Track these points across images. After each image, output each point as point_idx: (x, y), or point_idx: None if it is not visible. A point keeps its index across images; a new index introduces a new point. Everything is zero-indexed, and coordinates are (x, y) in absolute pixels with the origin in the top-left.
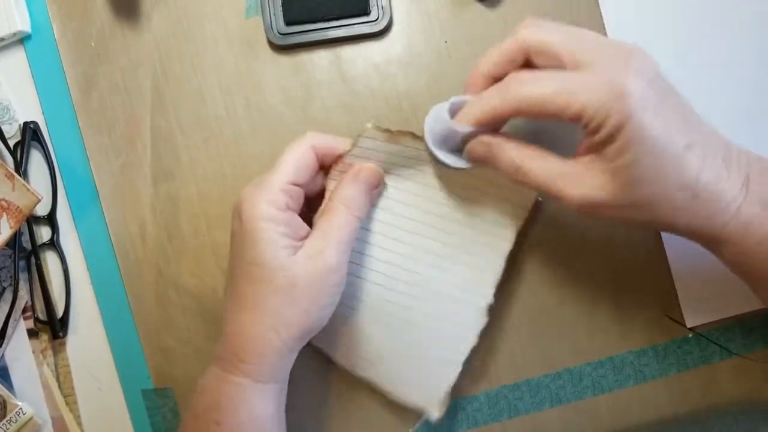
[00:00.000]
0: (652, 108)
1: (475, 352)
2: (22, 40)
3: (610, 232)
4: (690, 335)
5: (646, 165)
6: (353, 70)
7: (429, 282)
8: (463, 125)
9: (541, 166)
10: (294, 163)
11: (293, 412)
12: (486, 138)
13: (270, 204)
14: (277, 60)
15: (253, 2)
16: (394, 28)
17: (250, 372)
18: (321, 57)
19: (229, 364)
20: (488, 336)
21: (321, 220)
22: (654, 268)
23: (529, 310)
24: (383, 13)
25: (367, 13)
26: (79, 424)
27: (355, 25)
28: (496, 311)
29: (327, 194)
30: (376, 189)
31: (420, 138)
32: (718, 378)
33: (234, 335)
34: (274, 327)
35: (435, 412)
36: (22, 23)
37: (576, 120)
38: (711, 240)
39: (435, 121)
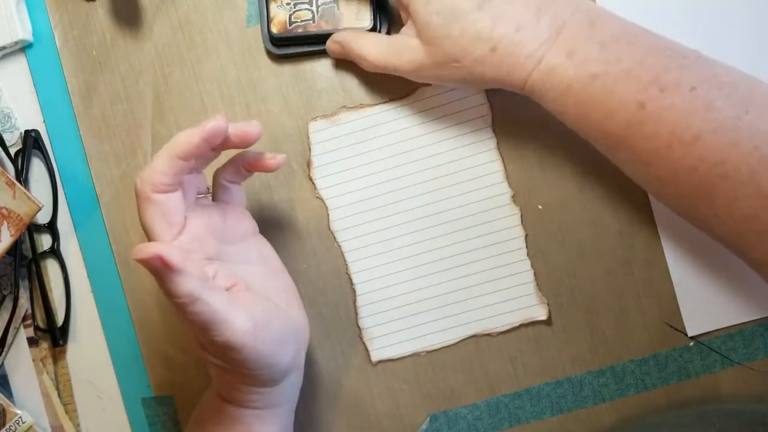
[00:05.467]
0: None
1: (475, 360)
2: (23, 48)
3: (610, 240)
4: (691, 344)
5: (437, 24)
6: (354, 78)
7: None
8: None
9: (374, 46)
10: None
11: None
12: (337, 36)
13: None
14: (278, 68)
15: (255, 11)
16: None
17: None
18: (322, 66)
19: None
20: (489, 344)
21: None
22: (655, 277)
23: None
24: (383, 22)
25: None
26: None
27: None
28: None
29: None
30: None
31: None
32: (719, 387)
33: None
34: None
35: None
36: (23, 32)
37: None
38: (522, 90)
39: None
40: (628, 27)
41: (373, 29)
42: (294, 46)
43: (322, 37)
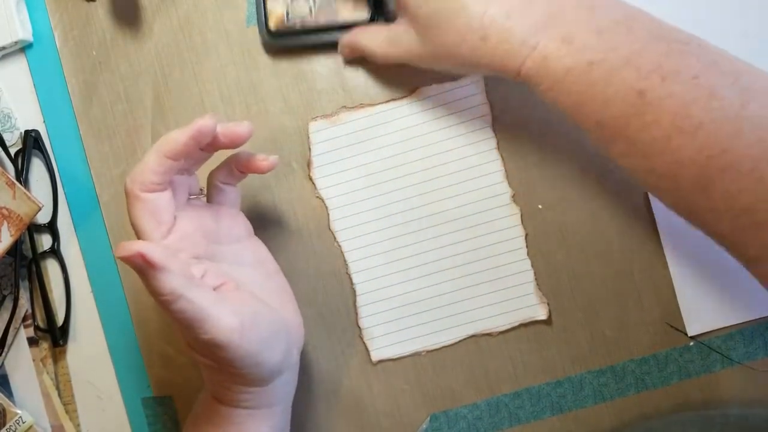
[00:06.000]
0: None
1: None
2: (23, 48)
3: (610, 240)
4: (691, 344)
5: (426, 14)
6: (354, 78)
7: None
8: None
9: (374, 38)
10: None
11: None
12: (343, 40)
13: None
14: (278, 68)
15: (255, 11)
16: None
17: None
18: (322, 66)
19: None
20: (489, 344)
21: None
22: (655, 276)
23: None
24: (380, 12)
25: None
26: None
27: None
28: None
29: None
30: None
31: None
32: (719, 387)
33: None
34: None
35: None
36: (23, 32)
37: None
38: (518, 77)
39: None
40: (629, 11)
41: (372, 20)
42: (292, 37)
43: (321, 31)
